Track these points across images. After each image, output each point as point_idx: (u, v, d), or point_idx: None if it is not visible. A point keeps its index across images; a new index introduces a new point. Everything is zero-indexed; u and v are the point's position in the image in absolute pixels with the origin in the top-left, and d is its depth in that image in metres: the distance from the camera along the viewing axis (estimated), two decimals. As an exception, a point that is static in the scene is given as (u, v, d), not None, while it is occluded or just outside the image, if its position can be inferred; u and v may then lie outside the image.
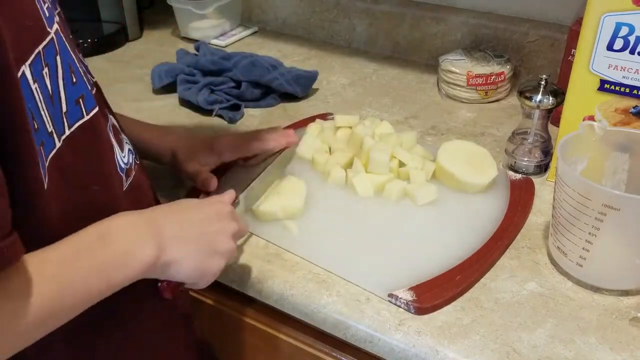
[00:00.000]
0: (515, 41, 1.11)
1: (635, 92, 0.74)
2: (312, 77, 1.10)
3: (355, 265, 0.70)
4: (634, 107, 0.75)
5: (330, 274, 0.70)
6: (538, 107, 0.82)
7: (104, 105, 0.61)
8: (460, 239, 0.73)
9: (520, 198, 0.80)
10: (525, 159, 0.86)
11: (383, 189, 0.81)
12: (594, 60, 0.74)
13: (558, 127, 0.81)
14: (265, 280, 0.70)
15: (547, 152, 0.86)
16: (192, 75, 1.11)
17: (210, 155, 0.79)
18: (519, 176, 0.85)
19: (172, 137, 0.82)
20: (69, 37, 0.55)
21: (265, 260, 0.72)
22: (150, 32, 1.41)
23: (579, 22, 0.84)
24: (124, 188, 0.58)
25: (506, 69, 1.07)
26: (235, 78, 1.08)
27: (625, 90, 0.74)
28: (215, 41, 1.33)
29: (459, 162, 0.82)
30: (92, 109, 0.53)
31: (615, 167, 0.71)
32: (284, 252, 0.73)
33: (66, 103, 0.50)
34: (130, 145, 0.64)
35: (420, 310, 0.64)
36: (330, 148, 0.89)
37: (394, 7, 1.23)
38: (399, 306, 0.65)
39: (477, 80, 1.06)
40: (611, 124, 0.76)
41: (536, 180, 0.85)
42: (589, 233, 0.64)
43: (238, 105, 1.05)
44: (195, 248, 0.57)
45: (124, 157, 0.60)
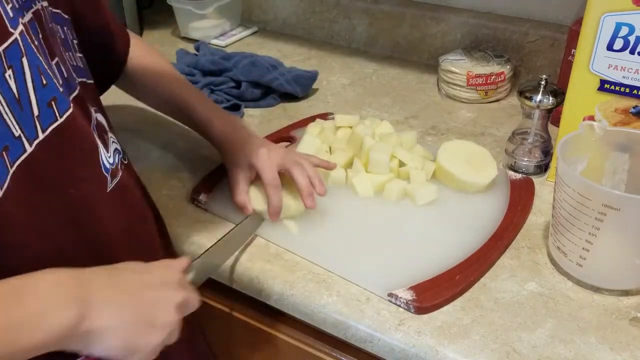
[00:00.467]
0: (515, 41, 1.11)
1: (635, 92, 0.74)
2: (312, 77, 1.10)
3: (355, 265, 0.70)
4: (634, 107, 0.75)
5: (330, 274, 0.70)
6: (538, 107, 0.82)
7: (91, 104, 0.60)
8: (460, 239, 0.73)
9: (520, 198, 0.80)
10: (525, 159, 0.86)
11: (383, 189, 0.81)
12: (594, 60, 0.74)
13: (558, 127, 0.81)
14: (265, 280, 0.70)
15: (547, 152, 0.86)
16: (192, 75, 1.11)
17: (250, 170, 0.77)
18: (519, 176, 0.85)
19: (242, 132, 0.81)
20: (50, 37, 0.54)
21: (265, 260, 0.72)
22: (150, 32, 1.41)
23: (579, 22, 0.84)
24: (107, 189, 0.57)
25: (506, 69, 1.07)
26: (235, 78, 1.08)
27: (625, 90, 0.74)
28: (215, 41, 1.33)
29: (459, 162, 0.82)
30: (66, 110, 0.52)
31: (615, 167, 0.71)
32: (284, 252, 0.73)
33: (37, 106, 0.48)
34: (117, 144, 0.63)
35: (420, 310, 0.64)
36: (330, 148, 0.89)
37: (394, 7, 1.23)
38: (399, 305, 0.65)
39: (477, 80, 1.06)
40: (611, 124, 0.76)
41: (536, 180, 0.85)
42: (589, 233, 0.64)
43: (238, 105, 1.05)
44: (129, 319, 0.49)
45: (109, 157, 0.58)
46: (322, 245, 0.73)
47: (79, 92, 0.57)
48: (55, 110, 0.50)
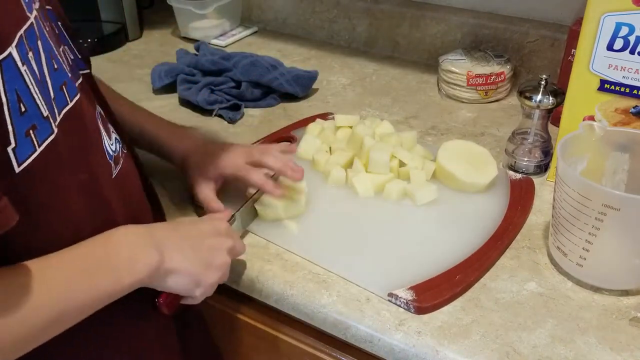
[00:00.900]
0: (515, 41, 1.11)
1: (635, 92, 0.74)
2: (312, 77, 1.11)
3: (355, 265, 0.70)
4: (634, 107, 0.75)
5: (330, 274, 0.70)
6: (538, 107, 0.82)
7: (93, 94, 0.60)
8: (460, 239, 0.73)
9: (520, 198, 0.80)
10: (525, 159, 0.86)
11: (383, 189, 0.81)
12: (594, 60, 0.74)
13: (558, 127, 0.81)
14: (265, 280, 0.70)
15: (547, 152, 0.86)
16: (192, 75, 1.11)
17: (215, 169, 0.76)
18: (519, 176, 0.85)
19: (187, 141, 0.80)
20: (54, 25, 0.55)
21: (265, 260, 0.72)
22: (150, 32, 1.41)
23: (579, 22, 0.84)
24: (112, 175, 0.58)
25: (506, 69, 1.07)
26: (235, 78, 1.08)
27: (625, 90, 0.74)
28: (215, 41, 1.33)
29: (459, 162, 0.82)
30: (75, 96, 0.53)
31: (615, 167, 0.71)
32: (284, 252, 0.73)
33: (52, 89, 0.49)
34: (116, 134, 0.63)
35: (420, 310, 0.64)
36: (330, 148, 0.89)
37: (394, 7, 1.23)
38: (399, 305, 0.65)
39: (477, 80, 1.06)
40: (611, 124, 0.76)
41: (536, 180, 0.85)
42: (589, 233, 0.64)
43: (238, 105, 1.05)
44: (193, 259, 0.58)
45: (112, 145, 0.60)
46: (322, 245, 0.73)
47: (82, 80, 0.58)
48: (66, 94, 0.52)
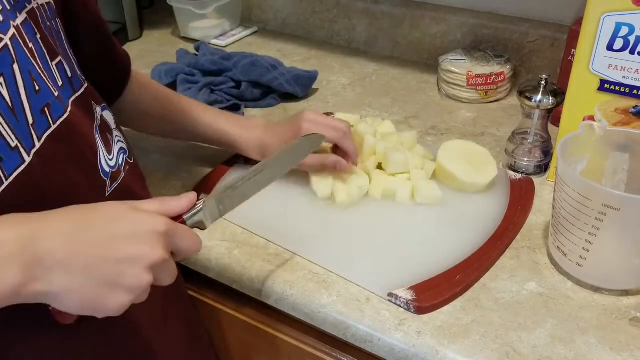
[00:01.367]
0: (515, 41, 1.11)
1: (635, 92, 0.74)
2: (312, 77, 1.10)
3: (355, 265, 0.70)
4: (634, 107, 0.75)
5: (330, 274, 0.70)
6: (538, 107, 0.82)
7: (97, 101, 0.58)
8: (460, 239, 0.73)
9: (520, 198, 0.80)
10: (525, 159, 0.86)
11: (384, 189, 0.81)
12: (594, 60, 0.74)
13: (558, 127, 0.81)
14: (265, 280, 0.70)
15: (547, 152, 0.86)
16: (192, 75, 1.11)
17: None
18: (519, 176, 0.85)
19: (257, 131, 0.81)
20: (50, 36, 0.52)
21: (265, 260, 0.72)
22: (150, 32, 1.41)
23: (579, 22, 0.84)
24: (106, 193, 0.55)
25: (506, 69, 1.07)
26: (235, 78, 1.08)
27: (625, 90, 0.74)
28: (215, 41, 1.33)
29: (459, 161, 0.82)
30: (61, 116, 0.50)
31: (615, 167, 0.71)
32: (284, 252, 0.73)
33: (32, 114, 0.47)
34: (124, 142, 0.61)
35: (420, 310, 0.64)
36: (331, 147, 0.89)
37: (394, 7, 1.23)
38: (399, 305, 0.65)
39: (477, 80, 1.06)
40: (611, 124, 0.76)
41: (536, 180, 0.85)
42: (589, 233, 0.64)
43: (238, 106, 1.05)
44: (85, 279, 0.45)
45: (111, 160, 0.57)
46: (322, 245, 0.73)
47: (86, 89, 0.56)
48: (49, 116, 0.49)
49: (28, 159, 0.46)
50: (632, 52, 0.72)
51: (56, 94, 0.50)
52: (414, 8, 1.21)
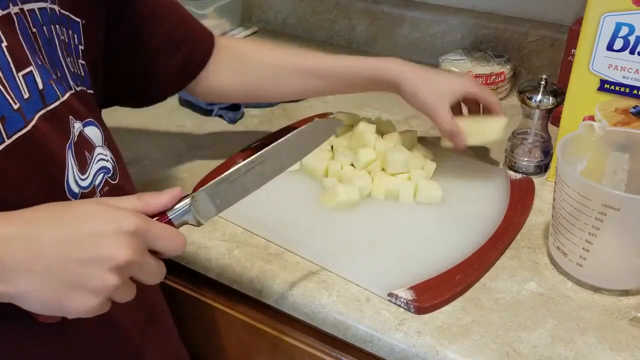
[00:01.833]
0: (515, 41, 1.11)
1: (635, 92, 0.74)
2: (312, 77, 1.10)
3: (355, 265, 0.70)
4: (634, 107, 0.75)
5: (330, 274, 0.70)
6: (538, 107, 0.82)
7: (79, 117, 0.54)
8: (460, 239, 0.73)
9: (520, 198, 0.80)
10: (525, 159, 0.86)
11: (386, 189, 0.81)
12: (594, 60, 0.74)
13: (558, 127, 0.81)
14: (265, 280, 0.70)
15: (547, 152, 0.86)
16: (192, 75, 1.11)
17: (460, 85, 0.83)
18: (519, 176, 0.85)
19: (396, 62, 0.82)
20: (29, 43, 0.49)
21: (265, 260, 0.72)
22: (150, 32, 1.41)
23: (579, 22, 0.84)
24: None
25: (506, 69, 1.07)
26: (235, 78, 1.08)
27: (625, 90, 0.74)
28: (215, 41, 1.33)
29: (467, 120, 0.85)
30: (18, 130, 0.47)
31: (615, 167, 0.71)
32: (284, 252, 0.73)
33: None
34: (109, 162, 0.57)
35: (420, 310, 0.64)
36: (332, 147, 0.89)
37: (394, 7, 1.23)
38: (399, 305, 0.65)
39: (477, 80, 1.06)
40: (611, 124, 0.76)
41: (536, 180, 0.85)
42: (589, 233, 0.64)
43: (238, 106, 1.05)
44: (47, 281, 0.44)
45: (84, 179, 0.53)
46: (322, 245, 0.73)
47: (63, 103, 0.52)
48: (2, 130, 0.46)
49: None
50: (632, 52, 0.72)
51: (15, 106, 0.47)
52: (414, 8, 1.21)
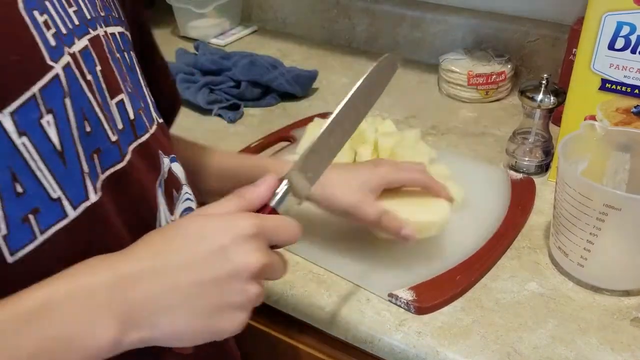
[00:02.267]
0: (516, 40, 1.11)
1: (636, 91, 0.74)
2: (312, 76, 1.10)
3: (355, 265, 0.70)
4: (635, 107, 0.75)
5: (330, 274, 0.69)
6: (539, 106, 0.82)
7: (165, 151, 0.49)
8: (461, 239, 0.73)
9: (521, 198, 0.80)
10: (526, 159, 0.86)
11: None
12: (595, 60, 0.74)
13: (559, 126, 0.81)
14: (265, 281, 0.69)
15: (548, 151, 0.86)
16: (192, 74, 1.11)
17: (377, 181, 0.65)
18: (520, 176, 0.85)
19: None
20: (118, 71, 0.45)
21: (265, 260, 0.72)
22: (150, 32, 1.41)
23: (580, 21, 0.84)
24: None
25: (507, 69, 1.07)
26: (234, 77, 1.08)
27: (626, 89, 0.74)
28: (214, 40, 1.33)
29: (404, 202, 0.68)
30: (113, 165, 0.43)
31: (617, 167, 0.71)
32: (284, 252, 0.73)
33: (84, 159, 0.40)
34: (193, 201, 0.52)
35: (421, 310, 0.64)
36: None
37: (394, 7, 1.22)
38: (399, 306, 0.65)
39: (477, 80, 1.05)
40: (612, 123, 0.76)
41: (537, 180, 0.85)
42: (590, 233, 0.63)
43: (237, 105, 1.05)
44: (190, 314, 0.40)
45: (173, 221, 0.48)
46: (322, 245, 0.73)
47: (152, 135, 0.47)
48: (97, 164, 0.41)
49: (73, 214, 0.39)
50: (633, 52, 0.72)
51: (113, 138, 0.43)
52: (414, 7, 1.21)
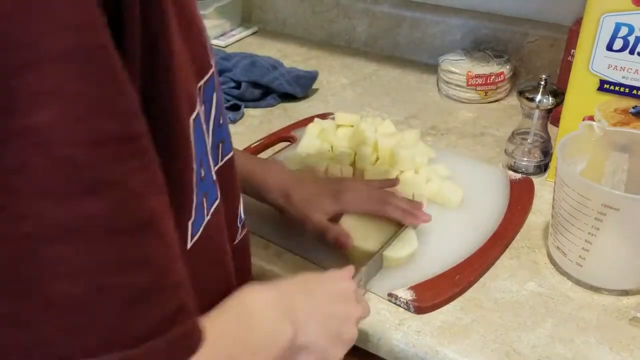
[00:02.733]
0: (515, 41, 1.12)
1: (634, 92, 0.74)
2: (312, 77, 1.11)
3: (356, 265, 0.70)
4: (633, 107, 0.75)
5: (330, 274, 0.69)
6: (538, 107, 0.82)
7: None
8: (460, 239, 0.73)
9: (520, 198, 0.80)
10: (525, 159, 0.86)
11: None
12: (593, 61, 0.75)
13: (558, 127, 0.81)
14: (265, 281, 0.70)
15: (546, 152, 0.86)
16: (192, 75, 1.11)
17: (334, 205, 0.70)
18: (518, 176, 0.85)
19: (282, 175, 0.72)
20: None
21: (265, 261, 0.72)
22: (150, 32, 1.41)
23: (578, 22, 0.84)
24: (235, 242, 0.52)
25: (506, 69, 1.07)
26: (235, 78, 1.08)
27: (624, 90, 0.74)
28: (215, 41, 1.33)
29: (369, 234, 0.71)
30: (227, 154, 0.46)
31: (615, 167, 0.71)
32: (284, 252, 0.73)
33: (210, 149, 0.43)
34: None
35: (420, 310, 0.64)
36: (332, 147, 0.89)
37: (394, 7, 1.23)
38: (399, 305, 0.65)
39: (476, 81, 1.06)
40: (611, 124, 0.76)
41: (536, 180, 0.85)
42: (589, 233, 0.64)
43: (238, 106, 1.06)
44: (324, 332, 0.50)
45: (242, 208, 0.53)
46: (322, 245, 0.73)
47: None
48: (220, 152, 0.46)
49: (219, 195, 0.43)
50: (631, 52, 0.72)
51: (228, 130, 0.48)
52: (414, 8, 1.21)
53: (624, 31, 0.71)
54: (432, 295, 0.65)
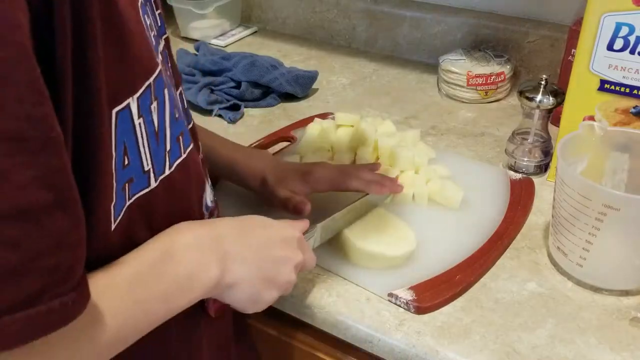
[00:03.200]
0: (515, 41, 1.11)
1: (635, 92, 0.74)
2: (312, 77, 1.10)
3: (355, 264, 0.70)
4: (634, 107, 0.75)
5: (330, 274, 0.69)
6: (538, 107, 0.82)
7: (197, 138, 0.57)
8: (460, 239, 0.73)
9: (520, 198, 0.80)
10: (526, 159, 0.86)
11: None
12: (594, 60, 0.74)
13: (558, 127, 0.81)
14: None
15: (547, 152, 0.86)
16: (192, 75, 1.11)
17: (303, 184, 0.73)
18: (519, 176, 0.85)
19: (262, 162, 0.76)
20: (172, 67, 0.52)
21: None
22: (150, 32, 1.41)
23: (579, 22, 0.84)
24: None
25: (506, 69, 1.07)
26: (235, 78, 1.08)
27: (625, 90, 0.74)
28: (215, 41, 1.33)
29: (371, 235, 0.71)
30: (188, 146, 0.49)
31: (616, 167, 0.71)
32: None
33: (170, 141, 0.46)
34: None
35: (420, 310, 0.64)
36: (332, 147, 0.89)
37: (394, 7, 1.23)
38: (399, 305, 0.65)
39: (477, 80, 1.06)
40: (611, 124, 0.76)
41: (536, 180, 0.85)
42: (589, 233, 0.64)
43: (238, 106, 1.05)
44: (256, 273, 0.52)
45: (211, 195, 0.56)
46: (322, 245, 0.73)
47: (193, 123, 0.55)
48: (181, 145, 0.48)
49: (154, 184, 0.45)
50: (632, 52, 0.72)
51: (186, 123, 0.50)
52: (414, 8, 1.21)
53: (624, 31, 0.71)
54: (432, 295, 0.65)
